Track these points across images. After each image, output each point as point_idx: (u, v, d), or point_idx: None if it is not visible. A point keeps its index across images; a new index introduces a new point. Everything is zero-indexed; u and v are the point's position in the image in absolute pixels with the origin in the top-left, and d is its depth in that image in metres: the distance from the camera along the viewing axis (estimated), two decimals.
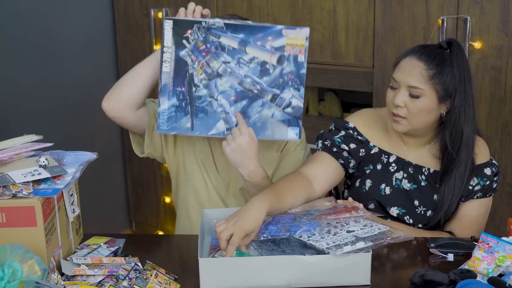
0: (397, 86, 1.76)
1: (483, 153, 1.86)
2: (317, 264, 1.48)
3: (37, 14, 3.00)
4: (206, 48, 1.73)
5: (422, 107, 1.74)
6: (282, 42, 1.72)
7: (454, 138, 1.78)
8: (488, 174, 1.84)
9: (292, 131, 1.74)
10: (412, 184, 1.87)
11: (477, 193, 1.84)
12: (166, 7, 3.20)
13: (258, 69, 1.72)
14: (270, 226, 1.55)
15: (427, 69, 1.72)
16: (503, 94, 2.36)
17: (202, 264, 1.46)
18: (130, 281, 1.44)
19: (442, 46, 1.78)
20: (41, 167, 1.53)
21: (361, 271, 1.50)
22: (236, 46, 1.72)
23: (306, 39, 1.73)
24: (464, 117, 1.76)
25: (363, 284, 1.51)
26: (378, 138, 1.91)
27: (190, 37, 1.73)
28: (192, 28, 1.73)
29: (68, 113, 3.21)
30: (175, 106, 1.75)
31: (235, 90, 1.74)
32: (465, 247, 1.66)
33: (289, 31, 1.71)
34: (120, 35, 3.43)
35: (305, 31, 1.72)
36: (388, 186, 1.88)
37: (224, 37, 1.72)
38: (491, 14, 2.31)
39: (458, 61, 1.74)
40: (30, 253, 1.41)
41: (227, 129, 1.75)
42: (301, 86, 1.73)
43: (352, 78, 2.70)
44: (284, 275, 1.48)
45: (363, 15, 2.62)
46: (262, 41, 1.72)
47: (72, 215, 1.66)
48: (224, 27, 1.72)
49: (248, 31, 1.72)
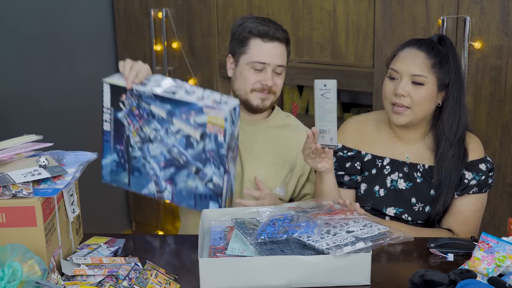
0: (398, 76, 1.80)
1: (477, 149, 1.88)
2: (317, 264, 1.48)
3: (37, 14, 3.00)
4: (140, 114, 1.76)
5: (425, 94, 1.79)
6: (204, 119, 1.70)
7: (452, 126, 1.82)
8: (483, 170, 1.86)
9: (213, 205, 1.76)
10: (408, 182, 1.88)
11: (473, 188, 1.85)
12: (166, 7, 3.20)
13: (184, 141, 1.74)
14: (267, 227, 1.55)
15: (428, 58, 1.78)
16: (503, 94, 2.36)
17: (202, 264, 1.46)
18: (130, 281, 1.44)
19: (433, 40, 1.84)
20: (41, 167, 1.53)
21: (361, 271, 1.50)
22: (164, 116, 1.74)
23: (225, 120, 1.68)
24: (460, 104, 1.82)
25: (363, 284, 1.51)
26: (368, 144, 1.94)
27: (125, 101, 1.77)
28: (126, 93, 1.76)
29: (68, 113, 3.21)
30: (116, 161, 1.83)
31: (164, 156, 1.77)
32: (465, 247, 1.66)
33: (209, 109, 1.68)
34: (120, 35, 3.44)
35: (223, 113, 1.67)
36: (382, 188, 1.90)
37: (154, 106, 1.74)
38: (491, 14, 2.31)
39: (452, 53, 1.82)
40: (30, 253, 1.41)
41: (157, 192, 1.80)
42: (221, 165, 1.72)
43: (352, 78, 2.70)
44: (284, 275, 1.48)
45: (363, 15, 2.62)
46: (186, 115, 1.72)
47: (72, 215, 1.66)
48: (153, 96, 1.74)
49: (174, 104, 1.72)
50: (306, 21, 2.78)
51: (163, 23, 3.21)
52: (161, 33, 3.23)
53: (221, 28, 3.06)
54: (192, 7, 3.13)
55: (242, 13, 2.96)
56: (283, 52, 1.95)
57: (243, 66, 1.94)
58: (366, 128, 1.96)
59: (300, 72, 2.82)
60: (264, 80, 1.92)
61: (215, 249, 1.56)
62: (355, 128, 1.97)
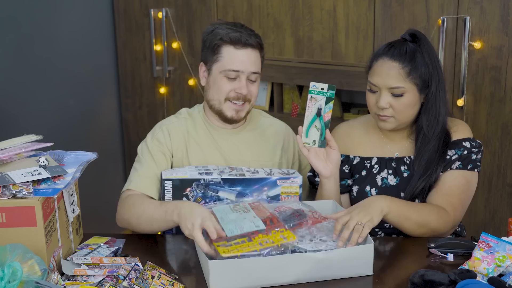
0: (377, 89, 1.81)
1: (462, 131, 1.87)
2: (324, 259, 1.50)
3: (37, 14, 2.99)
4: (205, 203, 1.78)
5: (407, 103, 1.79)
6: (277, 191, 1.81)
7: (432, 122, 1.82)
8: (466, 146, 1.84)
9: None
10: (397, 178, 1.89)
11: (455, 163, 1.83)
12: (166, 7, 3.20)
13: None
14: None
15: (402, 67, 1.76)
16: (503, 94, 2.36)
17: (211, 265, 1.45)
18: (130, 281, 1.44)
19: (406, 39, 1.82)
20: (41, 167, 1.53)
21: (364, 262, 1.54)
22: (233, 198, 1.78)
23: (300, 187, 1.83)
24: (440, 100, 1.81)
25: (366, 274, 1.55)
26: (356, 147, 1.96)
27: (190, 194, 1.79)
28: (191, 186, 1.79)
29: (68, 113, 3.21)
30: None
31: None
32: (465, 247, 1.66)
33: (283, 181, 1.81)
34: (120, 35, 3.43)
35: (299, 179, 1.82)
36: (373, 187, 1.90)
37: (222, 191, 1.79)
38: (491, 14, 2.31)
39: (426, 49, 1.79)
40: (30, 253, 1.41)
41: None
42: None
43: (352, 78, 2.70)
44: (293, 272, 1.50)
45: (363, 15, 2.62)
46: (259, 192, 1.79)
47: (72, 215, 1.66)
48: (221, 182, 1.78)
49: (245, 184, 1.79)
50: (306, 21, 2.78)
51: (163, 23, 3.21)
52: (161, 33, 3.23)
53: None
54: (192, 7, 3.13)
55: (242, 13, 2.96)
56: (256, 59, 1.90)
57: (216, 75, 1.89)
58: (355, 133, 1.97)
59: (300, 72, 2.82)
60: (239, 88, 1.88)
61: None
62: (343, 134, 1.98)
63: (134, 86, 3.45)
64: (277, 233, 1.52)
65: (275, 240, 1.50)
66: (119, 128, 3.60)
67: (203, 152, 1.94)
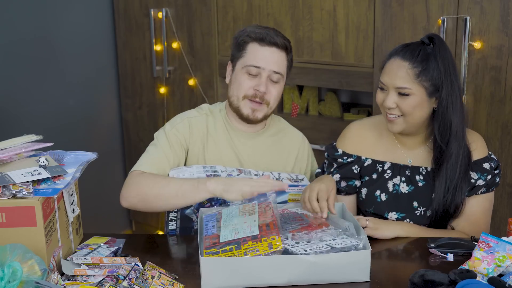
0: (386, 88, 1.80)
1: (480, 148, 1.86)
2: (317, 263, 1.48)
3: (37, 14, 3.00)
4: (211, 205, 1.80)
5: (413, 104, 1.77)
6: (284, 198, 1.86)
7: (443, 131, 1.80)
8: (487, 169, 1.84)
9: None
10: (410, 186, 1.87)
11: (481, 188, 1.84)
12: (166, 7, 3.20)
13: None
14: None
15: (412, 67, 1.75)
16: (503, 94, 2.36)
17: (203, 263, 1.46)
18: (130, 281, 1.44)
19: (424, 42, 1.80)
20: (41, 167, 1.53)
21: (361, 268, 1.51)
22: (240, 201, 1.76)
23: None
24: (451, 108, 1.78)
25: (363, 280, 1.52)
26: (369, 149, 1.94)
27: None
28: None
29: (68, 113, 3.21)
30: None
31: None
32: (465, 247, 1.66)
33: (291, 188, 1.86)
34: (120, 35, 3.43)
35: None
36: (384, 192, 1.89)
37: None
38: (491, 14, 2.31)
39: (442, 54, 1.76)
40: (30, 253, 1.41)
41: None
42: None
43: (352, 78, 2.70)
44: (285, 274, 1.49)
45: (363, 15, 2.62)
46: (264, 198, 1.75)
47: (72, 215, 1.66)
48: None
49: None
50: (306, 21, 2.78)
51: (163, 23, 3.21)
52: (161, 33, 3.23)
53: (221, 28, 3.06)
54: (192, 7, 3.13)
55: (242, 13, 2.96)
56: (280, 59, 1.87)
57: (238, 71, 1.89)
58: (368, 134, 1.95)
59: (300, 72, 2.82)
60: (257, 85, 1.85)
61: (209, 238, 1.57)
62: (356, 134, 1.95)
63: (134, 86, 3.45)
64: (267, 240, 1.51)
65: (261, 249, 1.49)
66: (119, 128, 3.60)
67: (219, 152, 1.92)
